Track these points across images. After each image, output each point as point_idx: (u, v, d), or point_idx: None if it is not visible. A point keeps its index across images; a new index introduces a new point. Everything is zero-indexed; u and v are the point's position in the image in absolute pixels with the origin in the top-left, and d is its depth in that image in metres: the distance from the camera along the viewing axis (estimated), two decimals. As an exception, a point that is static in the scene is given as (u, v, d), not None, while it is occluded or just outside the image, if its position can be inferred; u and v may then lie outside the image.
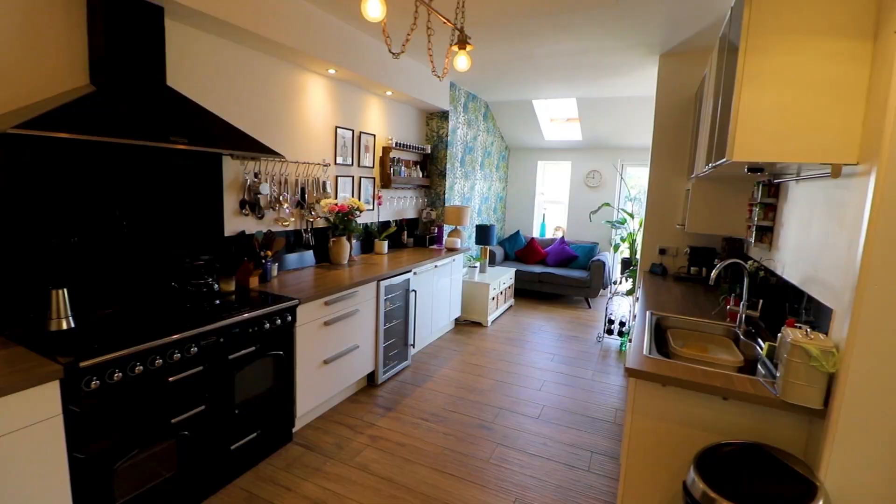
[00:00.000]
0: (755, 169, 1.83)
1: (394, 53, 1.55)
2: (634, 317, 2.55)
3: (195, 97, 2.37)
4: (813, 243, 1.72)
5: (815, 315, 1.72)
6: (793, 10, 1.42)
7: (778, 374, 1.50)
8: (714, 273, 2.09)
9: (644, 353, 1.80)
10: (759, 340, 1.99)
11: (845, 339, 1.33)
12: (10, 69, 1.70)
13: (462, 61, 1.94)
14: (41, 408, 1.42)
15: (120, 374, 1.60)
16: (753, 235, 2.35)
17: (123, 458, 1.66)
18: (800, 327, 1.51)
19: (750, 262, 2.36)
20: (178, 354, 1.79)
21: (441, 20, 1.72)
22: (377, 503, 2.08)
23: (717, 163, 1.71)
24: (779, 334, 1.71)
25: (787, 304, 1.99)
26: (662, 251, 3.62)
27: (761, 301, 2.13)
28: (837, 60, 1.39)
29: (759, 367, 1.74)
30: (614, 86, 4.49)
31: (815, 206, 1.73)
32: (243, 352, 2.09)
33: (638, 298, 2.98)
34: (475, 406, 3.05)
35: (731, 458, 1.45)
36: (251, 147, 2.20)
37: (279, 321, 2.28)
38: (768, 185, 2.24)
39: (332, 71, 3.14)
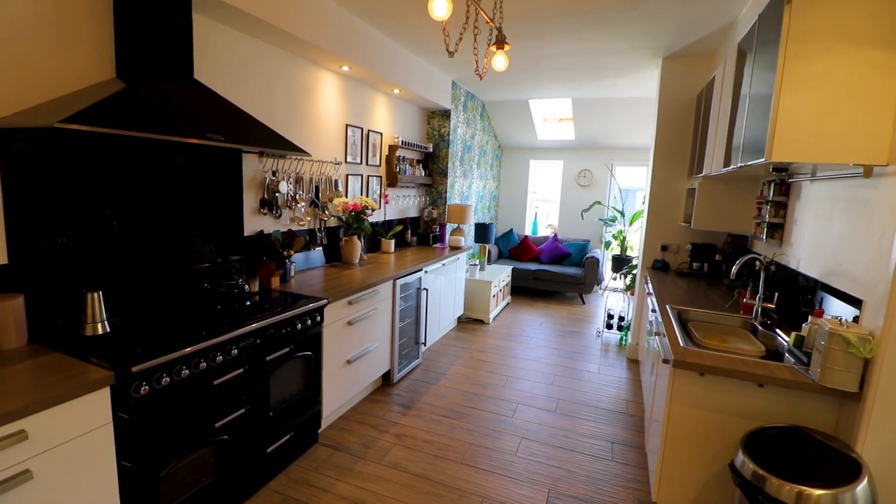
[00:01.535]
0: (780, 169, 1.94)
1: (450, 52, 1.56)
2: (654, 310, 2.64)
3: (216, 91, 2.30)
4: (835, 239, 1.83)
5: (826, 306, 1.85)
6: (830, 20, 1.51)
7: (813, 361, 1.60)
8: (735, 268, 2.20)
9: (681, 344, 1.88)
10: (778, 331, 2.10)
11: (881, 326, 1.43)
12: (37, 62, 1.62)
13: (500, 61, 1.97)
14: (93, 416, 1.36)
15: (167, 378, 1.55)
16: (765, 232, 2.47)
17: (169, 464, 1.61)
18: (830, 317, 1.62)
19: (763, 257, 2.48)
20: (221, 357, 1.75)
21: (485, 20, 1.74)
22: (417, 500, 2.09)
23: (750, 163, 1.79)
24: (804, 324, 1.82)
25: (799, 297, 2.12)
26: (664, 247, 3.75)
27: (777, 294, 2.25)
28: (871, 67, 1.49)
29: (786, 355, 1.84)
30: (612, 86, 4.61)
31: (837, 204, 1.85)
32: (279, 353, 2.06)
33: (650, 293, 3.09)
34: (492, 402, 3.09)
35: (775, 440, 1.54)
36: (281, 145, 2.16)
37: (309, 321, 2.25)
38: (780, 184, 2.37)
39: (345, 68, 3.11)
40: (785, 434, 1.55)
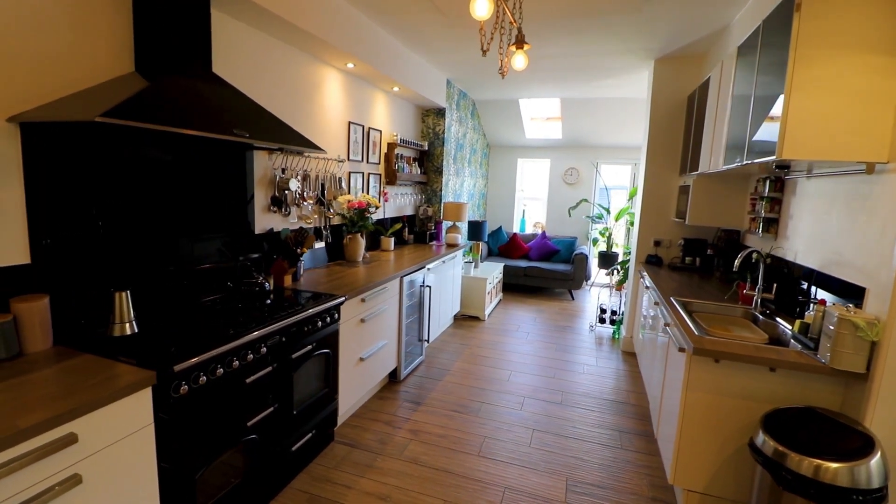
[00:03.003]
0: (783, 166, 2.06)
1: (483, 51, 1.59)
2: (656, 303, 2.75)
3: (229, 88, 2.26)
4: (834, 232, 1.96)
5: (819, 297, 1.99)
6: (836, 27, 1.62)
7: (821, 346, 1.72)
8: (737, 262, 2.32)
9: (696, 333, 1.97)
10: (779, 319, 2.23)
11: (887, 311, 1.55)
12: (58, 56, 1.57)
13: (520, 60, 2.02)
14: (136, 417, 1.34)
15: (204, 377, 1.53)
16: (760, 227, 2.62)
17: (205, 465, 1.59)
18: (835, 304, 1.74)
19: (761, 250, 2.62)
20: (252, 355, 1.74)
21: (510, 19, 1.78)
22: (441, 492, 2.12)
23: (757, 160, 1.90)
24: (807, 312, 1.95)
25: (796, 288, 2.26)
26: (657, 243, 3.90)
27: (775, 285, 2.39)
28: (874, 72, 1.61)
29: (792, 341, 1.96)
30: (603, 87, 4.74)
31: (836, 199, 1.98)
32: (302, 351, 2.05)
33: (649, 287, 3.21)
34: (499, 396, 3.14)
35: (791, 420, 1.64)
36: (299, 142, 2.14)
37: (328, 319, 2.25)
38: (775, 181, 2.51)
39: (350, 65, 3.10)
40: (800, 414, 1.66)
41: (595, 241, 6.47)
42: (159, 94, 1.56)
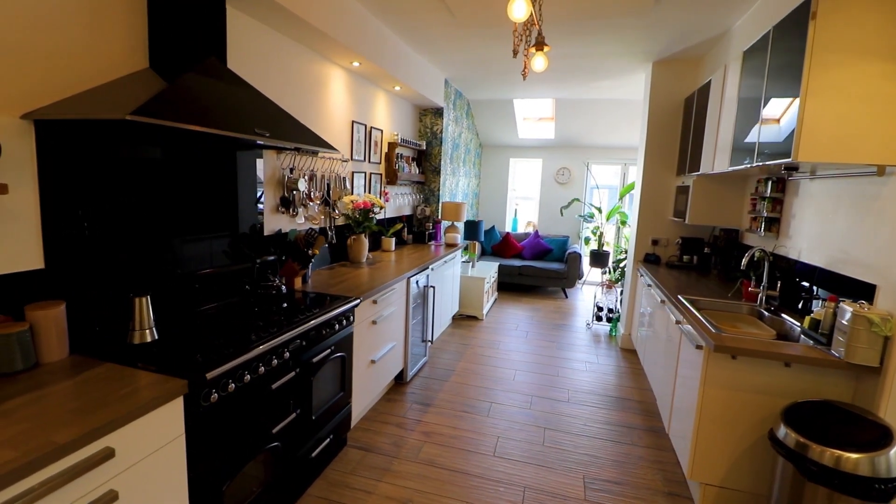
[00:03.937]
0: (791, 168, 2.13)
1: (514, 53, 1.59)
2: (662, 301, 2.80)
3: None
4: (840, 231, 2.04)
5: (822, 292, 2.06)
6: (849, 35, 1.68)
7: (834, 341, 1.78)
8: (745, 260, 2.39)
9: (713, 331, 2.02)
10: (785, 315, 2.30)
11: (900, 307, 1.62)
12: (72, 51, 1.49)
13: (540, 62, 2.02)
14: (168, 427, 1.29)
15: (233, 384, 1.48)
16: (762, 226, 2.69)
17: (232, 475, 1.54)
18: (844, 300, 1.81)
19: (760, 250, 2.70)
20: (276, 360, 1.69)
21: (534, 20, 1.79)
22: (463, 494, 2.11)
23: (769, 162, 1.96)
24: (817, 308, 2.02)
25: (799, 285, 2.33)
26: (655, 241, 3.97)
27: (780, 283, 2.46)
28: (885, 78, 1.67)
29: (802, 337, 2.03)
30: (598, 88, 4.80)
31: (841, 199, 2.05)
32: (322, 355, 2.01)
33: (650, 285, 3.27)
34: (507, 395, 3.15)
35: (810, 413, 1.70)
36: (315, 142, 2.10)
37: (344, 322, 2.21)
38: (777, 182, 2.59)
39: (356, 63, 3.05)
40: (818, 408, 1.72)
41: (587, 240, 6.55)
42: (183, 92, 1.51)
